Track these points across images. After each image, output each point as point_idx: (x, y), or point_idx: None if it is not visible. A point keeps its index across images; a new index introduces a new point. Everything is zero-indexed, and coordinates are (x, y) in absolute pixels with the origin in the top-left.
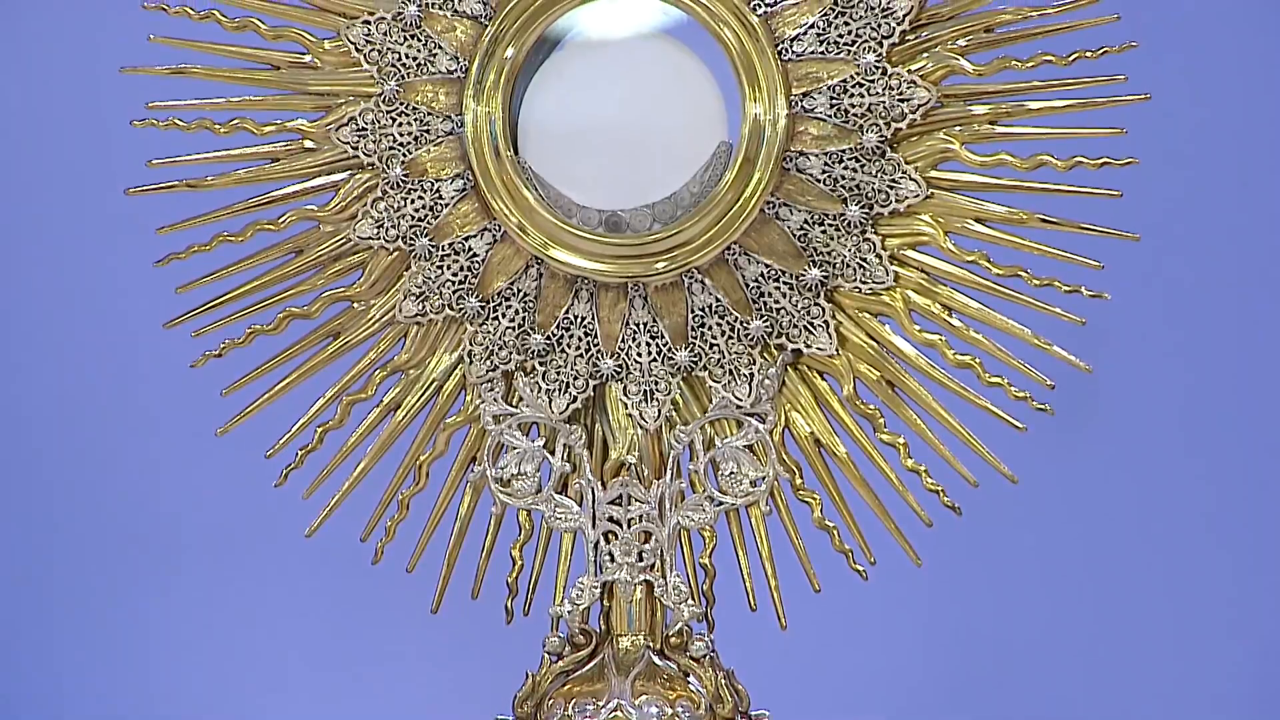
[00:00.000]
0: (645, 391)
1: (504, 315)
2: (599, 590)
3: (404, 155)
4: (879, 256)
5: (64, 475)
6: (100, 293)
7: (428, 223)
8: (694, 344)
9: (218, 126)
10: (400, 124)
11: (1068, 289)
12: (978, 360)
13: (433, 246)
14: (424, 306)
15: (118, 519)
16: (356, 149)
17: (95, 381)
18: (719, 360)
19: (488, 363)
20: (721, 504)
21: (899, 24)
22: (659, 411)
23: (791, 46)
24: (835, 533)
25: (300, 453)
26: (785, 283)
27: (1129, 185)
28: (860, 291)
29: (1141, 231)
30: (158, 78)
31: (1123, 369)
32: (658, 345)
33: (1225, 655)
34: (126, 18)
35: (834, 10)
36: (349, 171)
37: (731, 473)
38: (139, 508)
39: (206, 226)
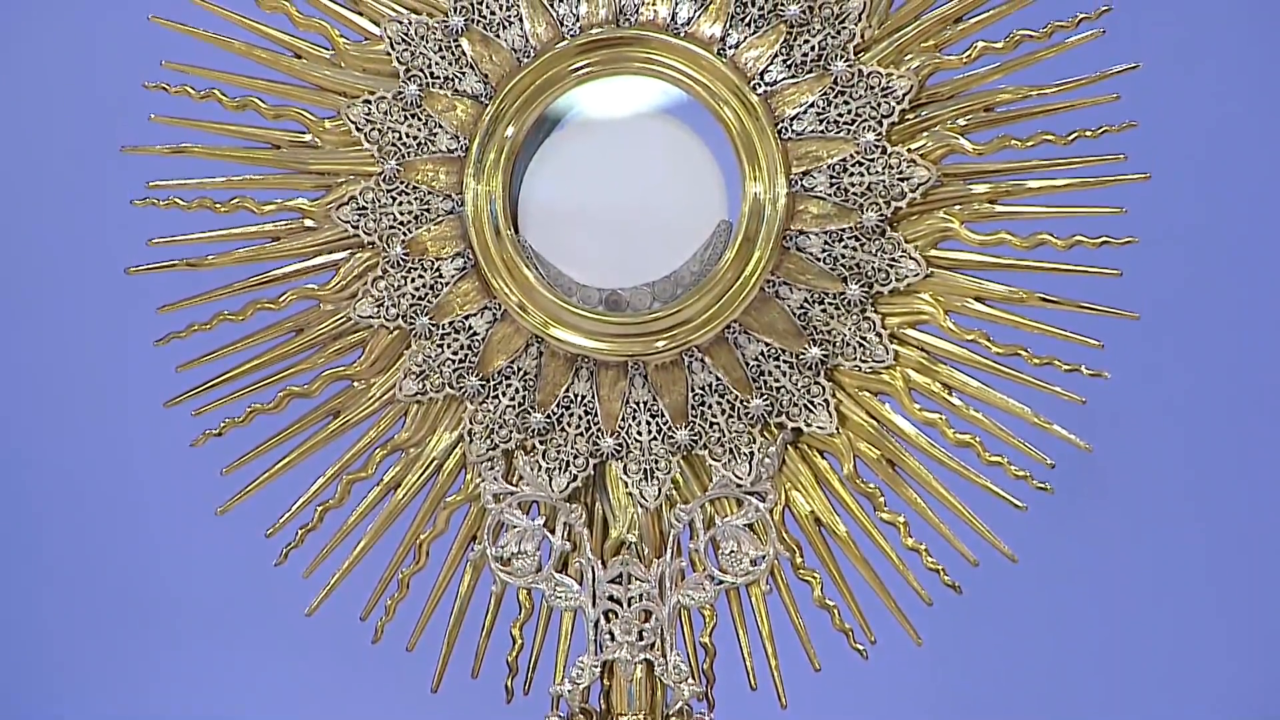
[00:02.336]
0: (645, 470)
1: (504, 394)
2: (599, 669)
3: (404, 234)
4: (879, 335)
5: (64, 555)
6: (101, 372)
7: (428, 301)
8: (694, 422)
9: (218, 205)
10: (400, 203)
11: (1067, 368)
12: (978, 439)
13: (433, 325)
14: (424, 385)
15: (117, 598)
16: (357, 228)
17: (96, 461)
18: (719, 439)
19: (488, 441)
20: (722, 582)
21: (899, 103)
22: (659, 490)
23: (791, 125)
24: (835, 611)
25: (300, 531)
26: (785, 361)
27: (1129, 264)
28: (860, 370)
29: (1141, 310)
30: (158, 157)
31: (1123, 448)
32: (658, 424)
33: None
34: (128, 97)
35: (834, 89)
36: (349, 250)
37: (732, 551)
38: (139, 587)
39: (207, 305)
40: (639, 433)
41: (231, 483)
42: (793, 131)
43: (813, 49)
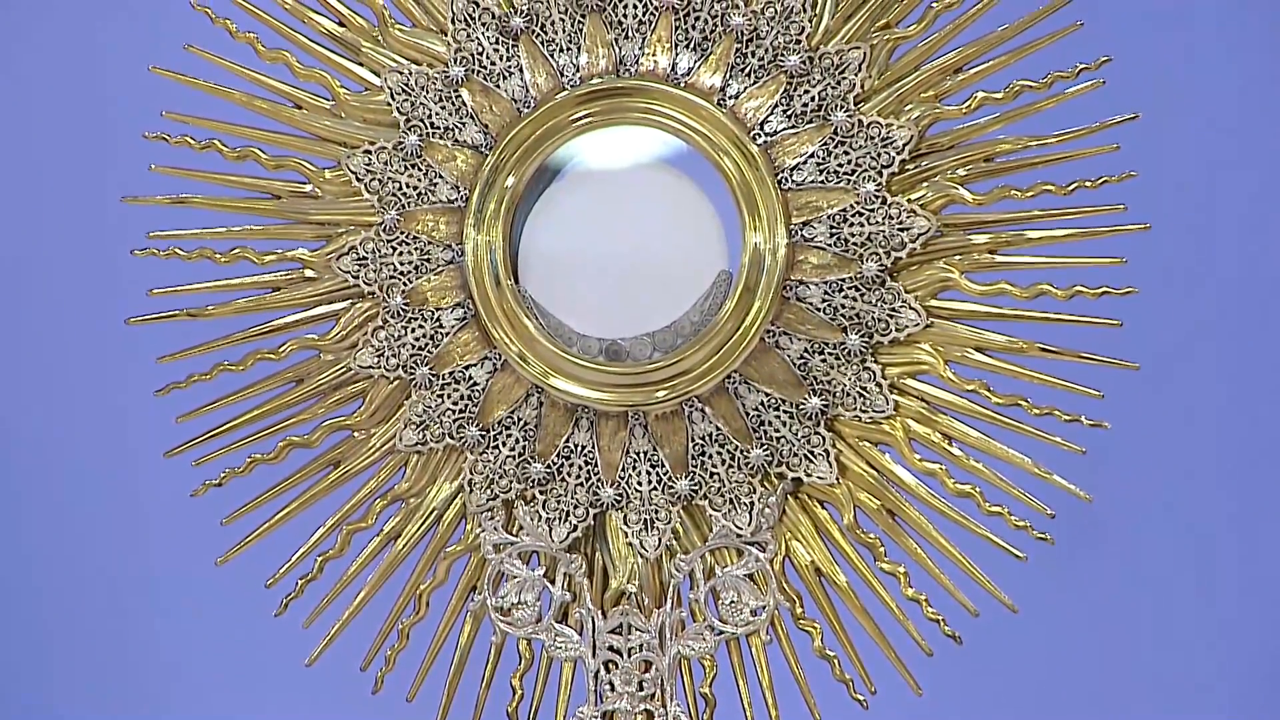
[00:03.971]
0: (645, 520)
1: (504, 444)
2: (599, 719)
3: (404, 284)
4: (879, 385)
5: (62, 604)
6: (101, 422)
7: (428, 351)
8: (694, 472)
9: (218, 255)
10: (401, 253)
11: (1068, 418)
12: (978, 489)
13: (433, 375)
14: (424, 435)
15: (117, 648)
16: (357, 278)
17: (95, 511)
18: (719, 489)
19: (488, 491)
20: (722, 633)
21: (898, 153)
22: (659, 540)
23: (791, 176)
24: (836, 662)
25: (300, 582)
26: (785, 411)
27: (1129, 315)
28: (860, 420)
29: (1141, 361)
30: (159, 207)
31: (1123, 498)
32: (658, 474)
33: None
34: (127, 148)
35: (833, 140)
36: (349, 300)
37: (732, 601)
38: (139, 637)
39: (207, 355)
40: (639, 483)
41: (231, 533)
42: (793, 181)
43: (813, 99)
